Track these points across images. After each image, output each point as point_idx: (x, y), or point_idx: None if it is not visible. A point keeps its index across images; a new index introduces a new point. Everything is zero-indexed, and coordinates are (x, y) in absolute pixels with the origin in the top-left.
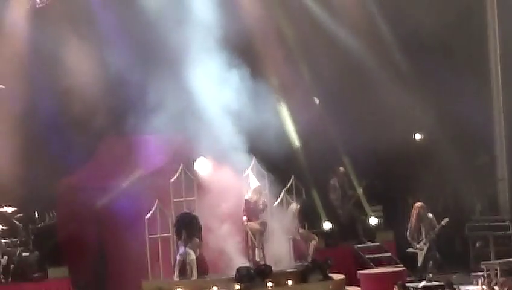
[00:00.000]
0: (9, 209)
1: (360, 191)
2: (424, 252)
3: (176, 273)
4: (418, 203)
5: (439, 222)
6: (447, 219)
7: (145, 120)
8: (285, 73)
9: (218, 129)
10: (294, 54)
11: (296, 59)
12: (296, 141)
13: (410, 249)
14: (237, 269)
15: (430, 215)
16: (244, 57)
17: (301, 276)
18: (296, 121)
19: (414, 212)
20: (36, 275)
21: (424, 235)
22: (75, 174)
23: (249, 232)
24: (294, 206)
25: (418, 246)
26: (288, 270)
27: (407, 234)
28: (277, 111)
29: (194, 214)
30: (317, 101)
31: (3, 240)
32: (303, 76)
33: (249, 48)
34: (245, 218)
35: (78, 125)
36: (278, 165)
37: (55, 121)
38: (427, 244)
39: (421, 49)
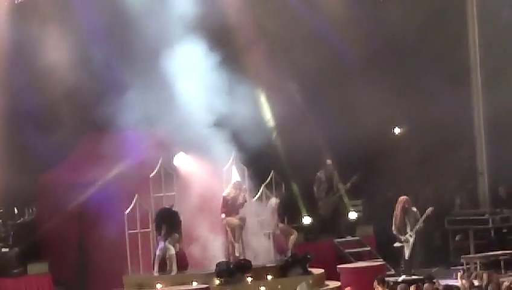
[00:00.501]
0: None
1: (348, 185)
2: (410, 244)
3: (156, 268)
4: (403, 197)
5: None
6: (431, 208)
7: (124, 115)
8: (264, 66)
9: (197, 123)
10: (274, 47)
11: (276, 52)
12: (275, 133)
13: (397, 244)
14: (217, 264)
15: (414, 209)
16: (223, 50)
17: (281, 271)
18: (276, 115)
19: (399, 206)
20: (16, 271)
21: (409, 228)
22: (54, 170)
23: (228, 228)
24: (274, 200)
25: (403, 238)
26: (268, 265)
27: (393, 228)
28: (257, 105)
29: (173, 209)
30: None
31: None
32: (283, 69)
33: (228, 41)
34: (223, 215)
35: (57, 121)
36: (257, 159)
37: (34, 116)
38: (413, 237)
39: (401, 44)
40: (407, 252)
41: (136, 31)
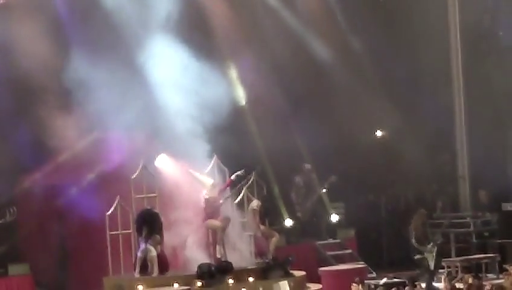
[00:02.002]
0: None
1: (325, 186)
2: (434, 254)
3: (137, 270)
4: (423, 211)
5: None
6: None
7: (105, 117)
8: (247, 70)
9: (178, 125)
10: (258, 52)
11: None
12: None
13: (418, 256)
14: (198, 266)
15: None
16: (204, 50)
17: (262, 273)
18: (255, 117)
19: (419, 220)
20: None
21: (430, 240)
22: (35, 171)
23: (209, 230)
24: (255, 203)
25: (426, 249)
26: (249, 267)
27: (413, 241)
28: (237, 107)
29: (155, 210)
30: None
31: None
32: (265, 71)
33: (211, 47)
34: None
35: (38, 122)
36: (239, 161)
37: (14, 117)
38: (435, 248)
39: (382, 49)
40: (431, 263)
41: (117, 32)
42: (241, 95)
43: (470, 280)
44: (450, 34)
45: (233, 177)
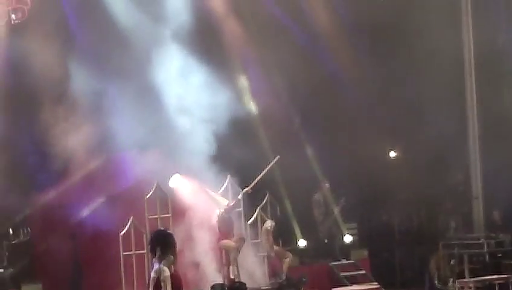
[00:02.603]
0: None
1: (338, 208)
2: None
3: None
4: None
5: None
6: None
7: (119, 136)
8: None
9: (192, 145)
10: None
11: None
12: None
13: None
14: (212, 286)
15: None
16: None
17: None
18: (270, 137)
19: (441, 261)
20: None
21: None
22: (49, 191)
23: (223, 250)
24: (269, 223)
25: (451, 285)
26: (263, 288)
27: (436, 282)
28: (251, 126)
29: (168, 231)
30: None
31: None
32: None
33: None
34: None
35: (51, 141)
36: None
37: (27, 137)
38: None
39: (395, 68)
40: None
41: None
42: (254, 113)
43: None
44: (463, 52)
45: (239, 196)
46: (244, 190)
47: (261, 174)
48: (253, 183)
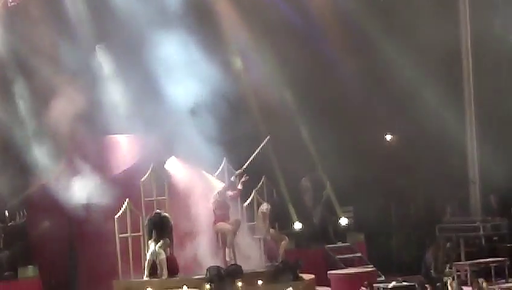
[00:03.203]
0: None
1: (328, 190)
2: (455, 274)
3: (146, 273)
4: (443, 242)
5: None
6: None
7: (116, 120)
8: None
9: (189, 129)
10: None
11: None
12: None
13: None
14: (207, 269)
15: None
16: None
17: (272, 276)
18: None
19: (440, 251)
20: (6, 274)
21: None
22: (45, 174)
23: (219, 233)
24: (265, 206)
25: (447, 271)
26: (259, 271)
27: (433, 272)
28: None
29: (164, 213)
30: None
31: None
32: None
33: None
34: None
35: (49, 125)
36: (249, 165)
37: (24, 120)
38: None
39: (393, 52)
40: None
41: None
42: (251, 98)
43: (484, 285)
44: (461, 39)
45: (232, 178)
46: (237, 172)
47: (253, 156)
48: (245, 165)
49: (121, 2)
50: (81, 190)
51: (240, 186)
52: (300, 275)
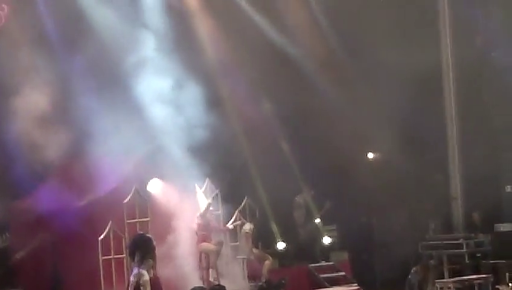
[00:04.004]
0: None
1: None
2: None
3: None
4: (432, 264)
5: None
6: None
7: (98, 141)
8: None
9: (171, 150)
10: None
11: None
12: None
13: None
14: None
15: None
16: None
17: None
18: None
19: (430, 273)
20: None
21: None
22: (28, 197)
23: (202, 253)
24: (248, 226)
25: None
26: None
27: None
28: (231, 130)
29: (147, 235)
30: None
31: None
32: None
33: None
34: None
35: (30, 147)
36: (231, 184)
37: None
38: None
39: (374, 68)
40: None
41: (110, 56)
42: (233, 117)
43: None
44: (441, 54)
45: (230, 226)
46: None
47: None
48: (231, 222)
49: (103, 25)
50: (64, 212)
51: (231, 227)
52: None
